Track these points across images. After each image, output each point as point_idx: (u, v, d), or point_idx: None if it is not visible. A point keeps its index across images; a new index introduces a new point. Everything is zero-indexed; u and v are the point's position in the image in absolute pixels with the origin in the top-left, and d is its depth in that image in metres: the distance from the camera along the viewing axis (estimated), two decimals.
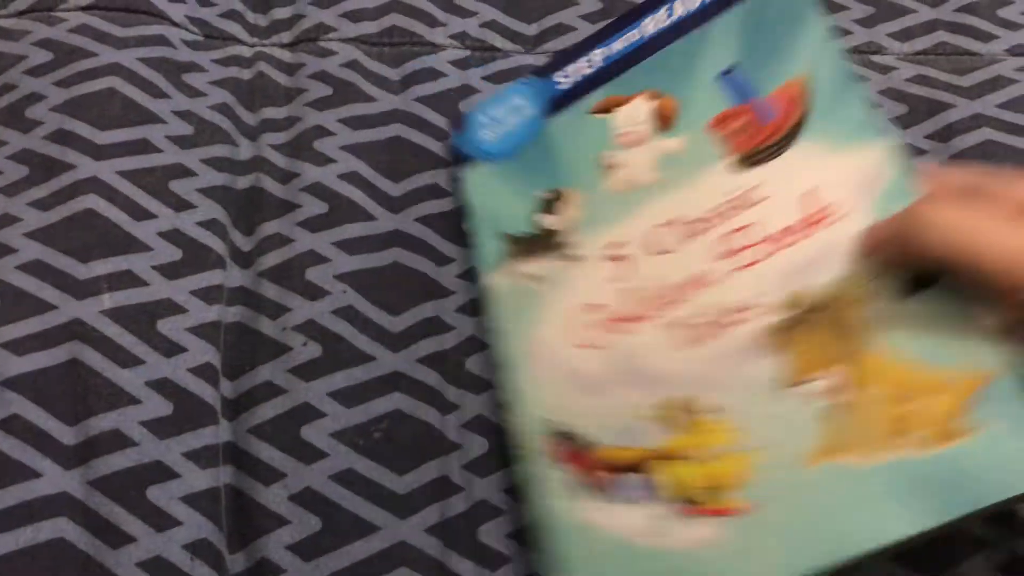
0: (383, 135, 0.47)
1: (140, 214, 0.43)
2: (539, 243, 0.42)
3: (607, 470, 0.37)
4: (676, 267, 0.38)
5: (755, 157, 0.38)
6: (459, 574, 0.38)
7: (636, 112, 0.42)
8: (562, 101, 0.44)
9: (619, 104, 0.43)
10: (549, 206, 0.43)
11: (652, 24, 0.43)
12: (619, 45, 0.44)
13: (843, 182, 0.36)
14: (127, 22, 0.49)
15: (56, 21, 0.49)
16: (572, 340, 0.40)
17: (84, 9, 0.49)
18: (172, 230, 0.43)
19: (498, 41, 0.51)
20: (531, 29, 0.52)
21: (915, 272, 0.33)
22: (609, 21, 0.45)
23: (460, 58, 0.50)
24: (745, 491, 0.34)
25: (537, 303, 0.41)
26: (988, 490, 0.30)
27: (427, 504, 0.39)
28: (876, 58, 0.51)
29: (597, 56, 0.44)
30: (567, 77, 0.45)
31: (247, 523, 0.38)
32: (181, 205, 0.44)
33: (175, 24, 0.50)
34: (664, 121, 0.41)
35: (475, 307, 0.43)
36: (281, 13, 0.52)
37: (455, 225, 0.45)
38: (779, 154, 0.38)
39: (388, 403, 0.41)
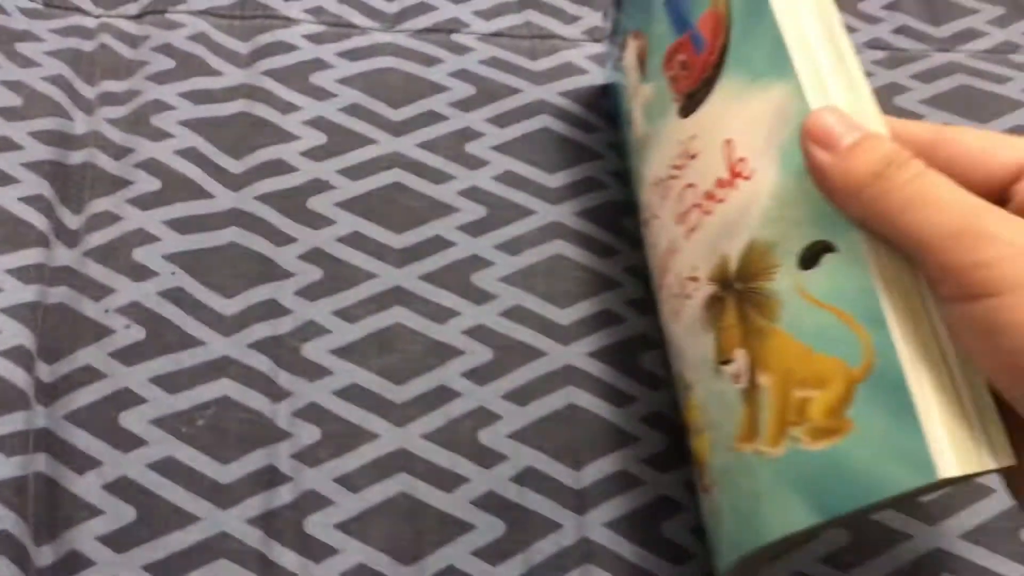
0: (227, 110, 0.45)
1: None
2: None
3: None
4: (662, 233, 0.36)
5: (692, 100, 0.34)
6: (281, 565, 0.36)
7: (629, 58, 0.40)
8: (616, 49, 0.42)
9: (624, 48, 0.40)
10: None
11: None
12: None
13: (753, 131, 0.30)
14: None
15: None
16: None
17: None
18: None
19: (356, 17, 0.50)
20: (391, 7, 0.50)
21: (816, 239, 0.28)
22: None
23: (315, 33, 0.49)
24: (708, 470, 0.33)
25: None
26: (861, 491, 0.27)
27: (251, 494, 0.37)
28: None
29: None
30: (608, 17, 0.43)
31: (57, 514, 0.36)
32: (3, 180, 0.42)
33: None
34: (642, 66, 0.38)
35: (315, 291, 0.41)
36: None
37: (297, 203, 0.43)
38: (708, 96, 0.33)
39: (215, 389, 0.39)
